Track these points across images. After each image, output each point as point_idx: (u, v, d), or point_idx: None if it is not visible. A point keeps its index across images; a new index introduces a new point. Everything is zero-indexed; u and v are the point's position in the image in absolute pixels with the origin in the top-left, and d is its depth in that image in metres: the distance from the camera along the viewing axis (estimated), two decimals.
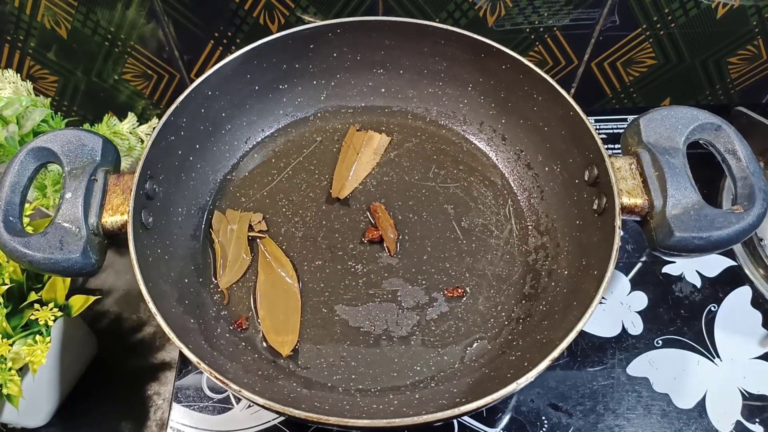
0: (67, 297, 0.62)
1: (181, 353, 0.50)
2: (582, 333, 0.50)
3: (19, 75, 0.76)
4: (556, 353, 0.48)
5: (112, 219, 0.55)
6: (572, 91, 0.88)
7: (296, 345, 0.60)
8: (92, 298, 0.64)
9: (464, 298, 0.63)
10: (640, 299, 0.72)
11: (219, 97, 0.66)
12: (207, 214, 0.67)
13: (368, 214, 0.68)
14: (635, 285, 0.73)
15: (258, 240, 0.66)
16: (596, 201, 0.59)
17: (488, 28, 0.78)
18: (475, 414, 0.64)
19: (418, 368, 0.59)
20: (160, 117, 0.61)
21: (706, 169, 0.64)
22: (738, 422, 0.64)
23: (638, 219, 0.57)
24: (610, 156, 0.56)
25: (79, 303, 0.63)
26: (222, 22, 0.77)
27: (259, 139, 0.73)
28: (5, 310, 0.57)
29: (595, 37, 0.80)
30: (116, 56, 0.80)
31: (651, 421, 0.64)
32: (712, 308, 0.71)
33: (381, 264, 0.65)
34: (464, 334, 0.61)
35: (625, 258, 0.75)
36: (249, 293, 0.64)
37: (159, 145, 0.60)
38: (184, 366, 0.67)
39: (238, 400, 0.65)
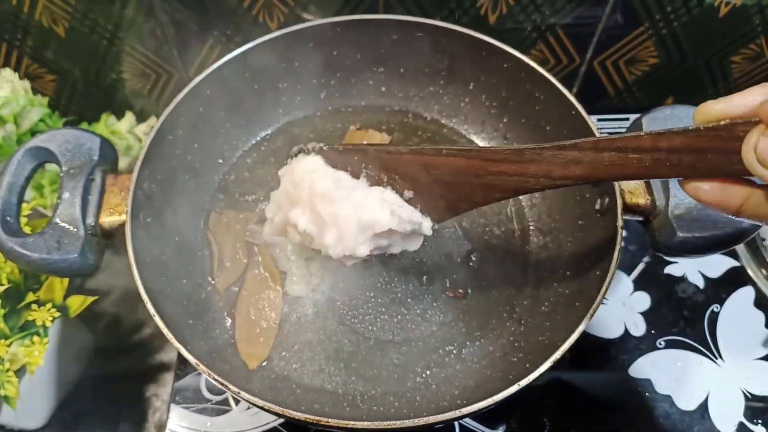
0: (65, 298, 0.62)
1: (179, 354, 0.50)
2: (584, 334, 0.50)
3: (16, 74, 0.76)
4: (558, 354, 0.48)
5: (110, 219, 0.55)
6: (574, 90, 0.87)
7: (264, 361, 0.59)
8: (90, 299, 0.64)
9: (466, 299, 0.62)
10: (643, 300, 0.72)
11: (218, 96, 0.66)
12: (205, 215, 0.67)
13: None
14: (638, 285, 0.73)
15: (253, 244, 0.65)
16: (598, 201, 0.58)
17: (490, 26, 0.78)
18: (477, 416, 0.63)
19: (419, 369, 0.58)
20: (158, 116, 0.61)
21: None
22: (740, 423, 0.64)
23: (641, 219, 0.56)
24: None
25: (77, 304, 0.63)
26: (221, 20, 0.77)
27: (258, 138, 0.73)
28: (3, 311, 0.57)
29: (597, 35, 0.79)
30: (114, 55, 0.80)
31: (653, 423, 0.64)
32: (715, 309, 0.71)
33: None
34: (466, 335, 0.60)
35: (627, 258, 0.75)
36: None
37: (157, 144, 0.59)
38: (182, 367, 0.67)
39: (237, 402, 0.64)
